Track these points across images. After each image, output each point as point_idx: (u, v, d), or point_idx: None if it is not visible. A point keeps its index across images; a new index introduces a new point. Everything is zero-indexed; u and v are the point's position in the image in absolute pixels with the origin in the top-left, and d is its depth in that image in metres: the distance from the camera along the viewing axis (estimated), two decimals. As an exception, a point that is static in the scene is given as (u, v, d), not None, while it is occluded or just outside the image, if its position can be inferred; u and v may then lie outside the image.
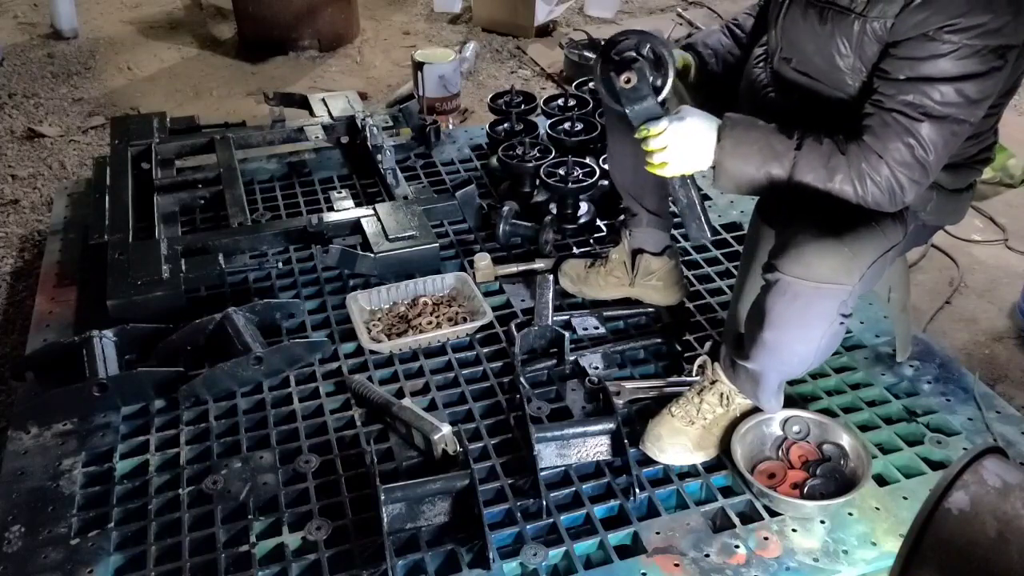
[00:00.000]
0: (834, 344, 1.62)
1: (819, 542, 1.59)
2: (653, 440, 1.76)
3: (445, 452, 1.74)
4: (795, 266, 1.48)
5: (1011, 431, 1.83)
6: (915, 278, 2.64)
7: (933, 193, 1.61)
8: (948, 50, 1.38)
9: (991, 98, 1.45)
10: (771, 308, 1.53)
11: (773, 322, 1.54)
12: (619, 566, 1.55)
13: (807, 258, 1.47)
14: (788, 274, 1.48)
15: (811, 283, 1.47)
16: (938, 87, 1.40)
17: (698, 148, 1.54)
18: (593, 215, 2.55)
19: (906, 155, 1.44)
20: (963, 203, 1.70)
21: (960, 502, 1.17)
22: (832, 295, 1.49)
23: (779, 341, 1.57)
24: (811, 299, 1.49)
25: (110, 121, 3.07)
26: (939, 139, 1.43)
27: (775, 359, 1.62)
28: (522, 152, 2.62)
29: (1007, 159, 3.18)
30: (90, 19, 4.91)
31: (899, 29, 1.42)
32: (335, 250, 2.21)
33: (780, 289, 1.50)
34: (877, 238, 1.55)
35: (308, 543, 1.60)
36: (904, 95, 1.43)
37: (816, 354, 1.61)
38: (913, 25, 1.40)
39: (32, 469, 1.77)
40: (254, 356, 1.95)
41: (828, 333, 1.55)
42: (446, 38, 4.64)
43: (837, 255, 1.47)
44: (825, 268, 1.46)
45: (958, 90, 1.40)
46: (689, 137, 1.54)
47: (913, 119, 1.43)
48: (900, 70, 1.43)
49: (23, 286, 2.70)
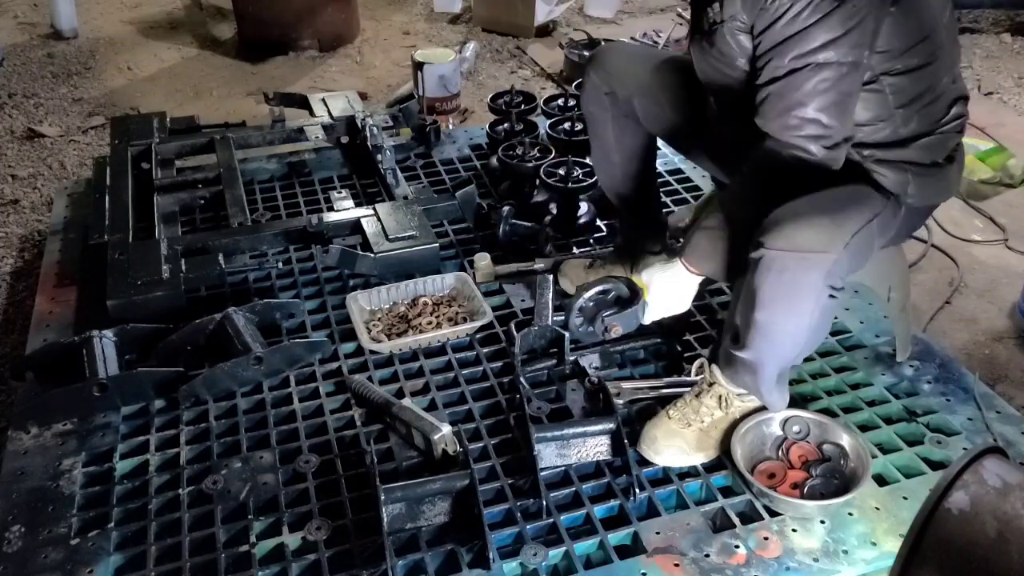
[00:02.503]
0: (825, 322, 1.63)
1: (819, 542, 1.59)
2: (649, 442, 1.76)
3: (445, 452, 1.74)
4: (777, 239, 1.50)
5: (1011, 431, 1.83)
6: (915, 278, 2.64)
7: (908, 175, 1.64)
8: (783, 9, 1.47)
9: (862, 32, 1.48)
10: (759, 286, 1.54)
11: (763, 300, 1.55)
12: (619, 566, 1.55)
13: (788, 230, 1.49)
14: (772, 247, 1.50)
15: (795, 253, 1.49)
16: (796, 42, 1.48)
17: (681, 292, 1.79)
18: (593, 215, 2.55)
19: (788, 120, 1.53)
20: (947, 178, 1.71)
21: (960, 502, 1.17)
22: (817, 264, 1.50)
23: (771, 320, 1.58)
24: (796, 271, 1.51)
25: (110, 121, 3.07)
26: (815, 88, 1.50)
27: (769, 341, 1.62)
28: (522, 152, 2.62)
29: (1007, 159, 3.18)
30: (90, 19, 4.92)
31: (751, 13, 1.52)
32: (335, 250, 2.21)
33: (766, 265, 1.52)
34: (857, 207, 1.58)
35: (308, 543, 1.60)
36: (772, 63, 1.53)
37: (808, 333, 1.61)
38: (753, 3, 1.50)
39: (32, 469, 1.77)
40: (254, 356, 1.95)
41: (818, 307, 1.56)
42: (446, 38, 4.65)
43: (817, 224, 1.50)
44: (807, 237, 1.49)
45: (809, 38, 1.47)
46: (670, 290, 1.78)
47: (783, 79, 1.52)
48: (764, 45, 1.53)
49: (23, 286, 2.70)
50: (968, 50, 4.42)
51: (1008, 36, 4.55)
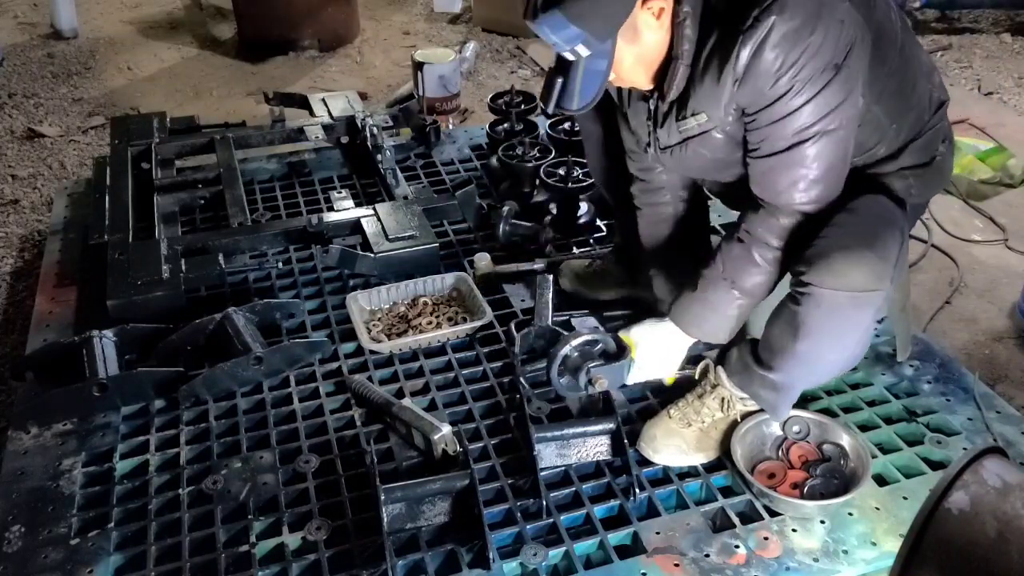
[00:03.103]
0: (863, 349, 1.62)
1: (819, 542, 1.59)
2: (648, 440, 1.76)
3: (445, 452, 1.74)
4: (828, 277, 1.45)
5: (1011, 431, 1.83)
6: (915, 278, 2.64)
7: (909, 179, 1.64)
8: (784, 90, 1.43)
9: (854, 93, 1.47)
10: (805, 320, 1.50)
11: (809, 334, 1.51)
12: (619, 566, 1.55)
13: (838, 267, 1.45)
14: (822, 286, 1.46)
15: (846, 293, 1.45)
16: (798, 117, 1.45)
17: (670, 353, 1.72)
18: (593, 215, 2.55)
19: (794, 193, 1.51)
20: (942, 169, 1.71)
21: (960, 502, 1.17)
22: (868, 302, 1.48)
23: (812, 352, 1.55)
24: (847, 309, 1.48)
25: (110, 121, 3.08)
26: (818, 155, 1.48)
27: (806, 369, 1.60)
28: (522, 152, 2.62)
29: (1007, 159, 3.18)
30: (90, 19, 4.92)
31: (745, 100, 1.48)
32: (335, 250, 2.21)
33: (815, 301, 1.48)
34: (891, 230, 1.53)
35: (308, 543, 1.60)
36: (772, 139, 1.49)
37: (847, 361, 1.62)
38: (748, 94, 1.46)
39: (32, 469, 1.77)
40: (254, 356, 1.95)
41: (863, 338, 1.56)
42: (446, 38, 4.65)
43: (867, 261, 1.45)
44: (858, 276, 1.45)
45: (812, 112, 1.44)
46: (658, 350, 1.70)
47: (785, 152, 1.49)
48: (761, 121, 1.49)
49: (23, 286, 2.71)
50: (968, 50, 4.42)
51: (1008, 36, 4.55)
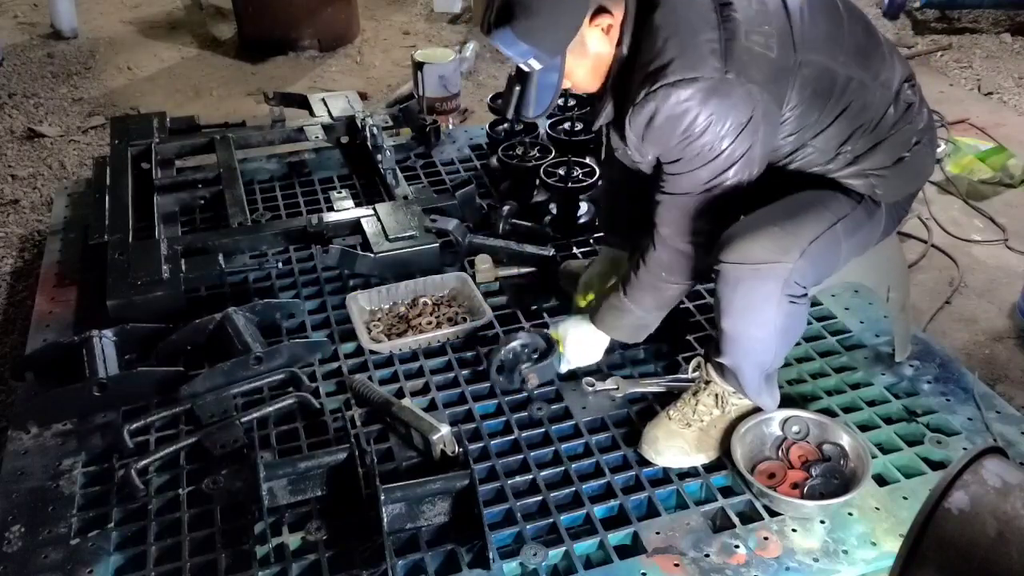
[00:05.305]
0: (794, 325, 1.65)
1: (819, 542, 1.59)
2: (650, 442, 1.76)
3: (444, 452, 1.74)
4: (731, 253, 1.55)
5: (1011, 431, 1.83)
6: (915, 278, 2.64)
7: (871, 179, 1.65)
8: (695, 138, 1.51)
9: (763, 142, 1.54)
10: (721, 297, 1.61)
11: (725, 310, 1.61)
12: (619, 566, 1.55)
13: (740, 243, 1.55)
14: (726, 261, 1.56)
15: (748, 265, 1.54)
16: (705, 168, 1.55)
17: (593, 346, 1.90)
18: (593, 215, 2.55)
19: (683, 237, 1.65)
20: (918, 163, 1.70)
21: (960, 502, 1.17)
22: (772, 274, 1.55)
23: (736, 329, 1.63)
24: (752, 282, 1.56)
25: (110, 121, 3.07)
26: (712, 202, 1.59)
27: (740, 348, 1.66)
28: (522, 152, 2.62)
29: (1007, 159, 3.18)
30: (90, 19, 4.92)
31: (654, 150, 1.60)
32: (335, 250, 2.21)
33: (724, 278, 1.58)
34: (816, 213, 1.61)
35: (308, 543, 1.60)
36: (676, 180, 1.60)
37: (778, 338, 1.64)
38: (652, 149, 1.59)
39: (32, 469, 1.77)
40: (254, 356, 1.95)
41: (780, 315, 1.59)
42: (446, 38, 4.65)
43: (769, 235, 1.54)
44: (759, 249, 1.53)
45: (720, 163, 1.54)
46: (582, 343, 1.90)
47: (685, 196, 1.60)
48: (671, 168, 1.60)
49: (23, 286, 2.71)
50: (968, 50, 4.42)
51: (1008, 36, 4.55)
